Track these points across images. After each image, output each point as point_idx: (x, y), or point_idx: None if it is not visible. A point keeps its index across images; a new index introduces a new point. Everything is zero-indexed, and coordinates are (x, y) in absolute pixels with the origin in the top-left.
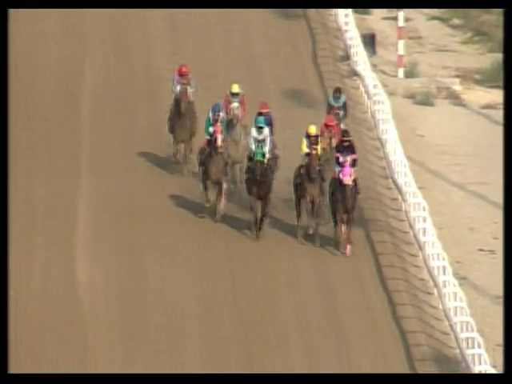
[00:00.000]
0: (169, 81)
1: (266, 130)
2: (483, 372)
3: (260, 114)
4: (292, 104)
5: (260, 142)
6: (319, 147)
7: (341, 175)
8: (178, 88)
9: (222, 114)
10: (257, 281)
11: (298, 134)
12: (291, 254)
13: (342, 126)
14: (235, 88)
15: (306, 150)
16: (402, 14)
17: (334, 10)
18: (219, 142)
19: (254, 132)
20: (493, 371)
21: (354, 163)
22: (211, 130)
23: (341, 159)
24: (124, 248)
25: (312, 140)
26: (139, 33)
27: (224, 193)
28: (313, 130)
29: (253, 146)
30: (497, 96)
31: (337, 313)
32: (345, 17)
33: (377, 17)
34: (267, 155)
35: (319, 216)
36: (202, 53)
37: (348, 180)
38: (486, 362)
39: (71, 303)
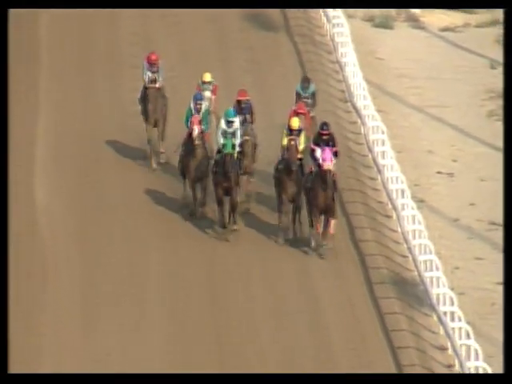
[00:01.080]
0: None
1: (237, 123)
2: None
3: (239, 101)
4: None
5: (230, 134)
6: (302, 141)
7: (321, 161)
8: (148, 76)
9: (204, 104)
10: (232, 275)
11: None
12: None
13: (312, 114)
14: (207, 77)
15: (285, 141)
16: None
17: None
18: (195, 134)
19: (223, 124)
20: (450, 294)
21: (335, 155)
22: (190, 119)
23: (317, 153)
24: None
25: (294, 133)
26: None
27: (204, 189)
28: (295, 122)
29: (221, 139)
30: (456, 19)
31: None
32: None
33: None
34: (237, 148)
35: (300, 214)
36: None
37: (329, 165)
38: (444, 285)
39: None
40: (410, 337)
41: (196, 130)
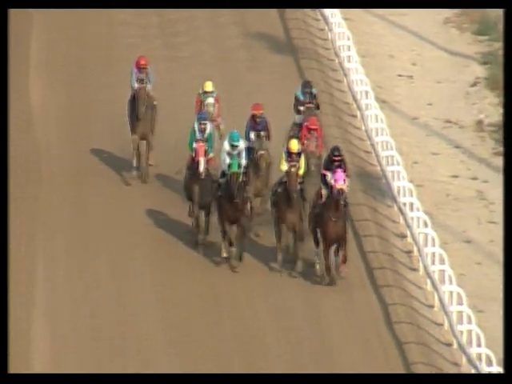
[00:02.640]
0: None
1: (242, 145)
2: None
3: (253, 116)
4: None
5: (235, 155)
6: (302, 165)
7: (332, 181)
8: (136, 85)
9: (209, 126)
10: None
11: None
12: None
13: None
14: (209, 86)
15: (285, 167)
16: None
17: None
18: (201, 168)
19: (226, 147)
20: (410, 186)
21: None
22: (194, 146)
23: (328, 178)
24: None
25: (293, 157)
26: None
27: (208, 216)
28: (294, 145)
29: (227, 159)
30: None
31: None
32: None
33: None
34: (242, 169)
35: (301, 241)
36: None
37: (342, 185)
38: (404, 178)
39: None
40: (374, 226)
41: (202, 163)
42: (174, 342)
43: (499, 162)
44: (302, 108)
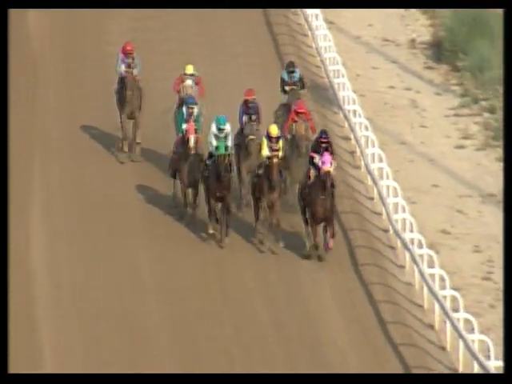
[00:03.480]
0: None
1: (228, 129)
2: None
3: (246, 101)
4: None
5: (222, 138)
6: (281, 148)
7: (320, 163)
8: (123, 68)
9: (196, 109)
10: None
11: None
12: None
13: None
14: (190, 69)
15: (267, 153)
16: None
17: None
18: (191, 144)
19: (214, 129)
20: (353, 95)
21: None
22: (184, 127)
23: (316, 160)
24: None
25: (273, 141)
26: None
27: (196, 193)
28: (274, 130)
29: (214, 141)
30: None
31: None
32: None
33: None
34: (230, 150)
35: (277, 222)
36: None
37: (329, 167)
38: (348, 89)
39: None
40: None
41: (192, 140)
42: (164, 313)
43: (430, 74)
44: (287, 88)
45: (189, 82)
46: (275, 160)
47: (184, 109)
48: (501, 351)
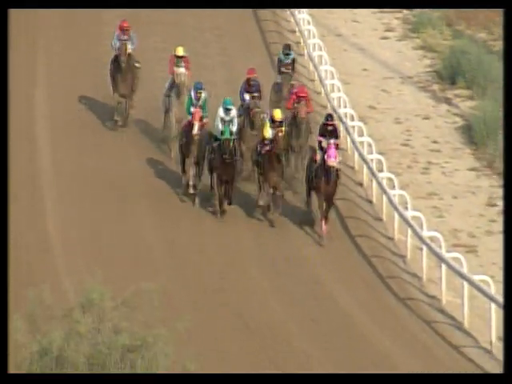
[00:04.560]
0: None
1: (234, 112)
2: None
3: (248, 79)
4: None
5: (227, 122)
6: (283, 131)
7: (325, 156)
8: (118, 44)
9: (203, 94)
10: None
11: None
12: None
13: (292, 82)
14: (180, 51)
15: (269, 135)
16: None
17: None
18: (195, 131)
19: (221, 112)
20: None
21: (336, 147)
22: (192, 110)
23: (323, 143)
24: None
25: (277, 124)
26: None
27: (201, 170)
28: (278, 114)
29: (220, 125)
30: None
31: None
32: None
33: None
34: (234, 135)
35: (279, 203)
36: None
37: (333, 161)
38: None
39: None
40: (277, 36)
41: (196, 126)
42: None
43: None
44: (283, 69)
45: (181, 69)
46: (280, 134)
47: (192, 93)
48: (418, 204)
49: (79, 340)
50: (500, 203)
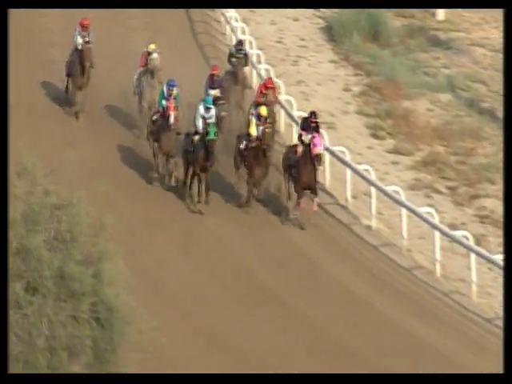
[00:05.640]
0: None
1: (213, 111)
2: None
3: (212, 75)
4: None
5: (209, 119)
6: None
7: (311, 145)
8: (80, 40)
9: (175, 90)
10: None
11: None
12: None
13: (244, 75)
14: (151, 47)
15: (255, 131)
16: None
17: None
18: (171, 120)
19: (201, 109)
20: None
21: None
22: (164, 103)
23: (303, 137)
24: None
25: (261, 121)
26: None
27: (175, 164)
28: (264, 111)
29: (199, 123)
30: None
31: None
32: None
33: None
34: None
35: (258, 190)
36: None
37: (320, 149)
38: None
39: None
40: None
41: (172, 116)
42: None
43: None
44: (233, 60)
45: (154, 55)
46: (268, 130)
47: (164, 88)
48: (290, 90)
49: (16, 201)
50: (355, 89)
